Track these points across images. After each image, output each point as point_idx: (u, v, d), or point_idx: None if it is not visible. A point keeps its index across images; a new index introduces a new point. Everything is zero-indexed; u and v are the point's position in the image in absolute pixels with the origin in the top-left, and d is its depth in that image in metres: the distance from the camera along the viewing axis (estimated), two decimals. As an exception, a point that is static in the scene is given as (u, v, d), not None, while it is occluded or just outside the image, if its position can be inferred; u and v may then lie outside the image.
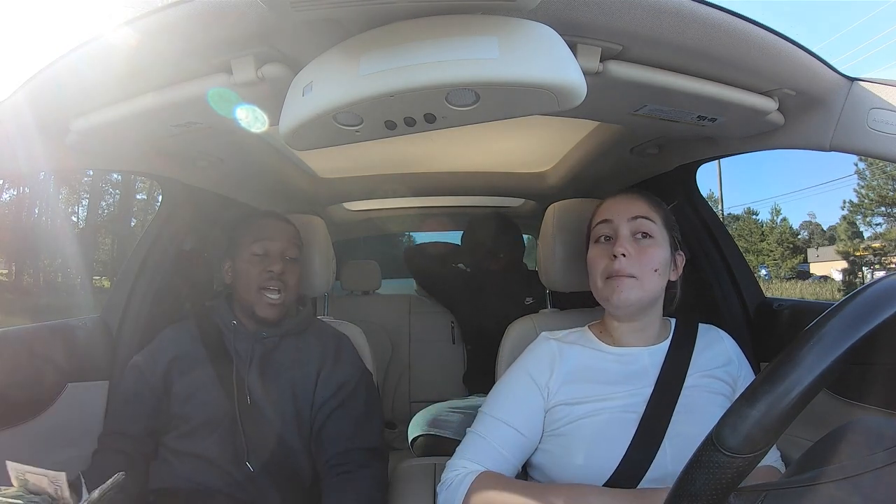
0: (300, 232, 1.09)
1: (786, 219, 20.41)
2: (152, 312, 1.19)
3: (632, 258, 0.78)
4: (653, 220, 0.81)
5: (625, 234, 0.80)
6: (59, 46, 0.67)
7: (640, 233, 0.80)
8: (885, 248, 16.57)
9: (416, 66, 0.54)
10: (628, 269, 0.78)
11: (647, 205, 0.83)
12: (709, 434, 0.40)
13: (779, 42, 0.67)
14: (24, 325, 1.04)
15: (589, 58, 0.65)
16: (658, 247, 0.80)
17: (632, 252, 0.78)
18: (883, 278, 0.41)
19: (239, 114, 0.76)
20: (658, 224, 0.82)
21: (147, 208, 12.92)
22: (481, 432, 0.79)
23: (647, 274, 0.78)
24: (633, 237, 0.80)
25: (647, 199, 0.84)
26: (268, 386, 0.97)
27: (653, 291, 0.80)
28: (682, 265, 0.85)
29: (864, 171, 17.27)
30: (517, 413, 0.79)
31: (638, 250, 0.79)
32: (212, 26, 0.60)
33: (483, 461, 0.77)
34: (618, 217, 0.82)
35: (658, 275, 0.79)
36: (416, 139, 1.31)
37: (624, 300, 0.78)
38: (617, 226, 0.81)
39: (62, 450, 0.97)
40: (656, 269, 0.79)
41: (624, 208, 0.82)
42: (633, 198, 0.84)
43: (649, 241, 0.80)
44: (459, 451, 0.80)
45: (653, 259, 0.79)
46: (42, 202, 11.92)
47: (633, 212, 0.81)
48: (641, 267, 0.78)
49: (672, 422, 0.75)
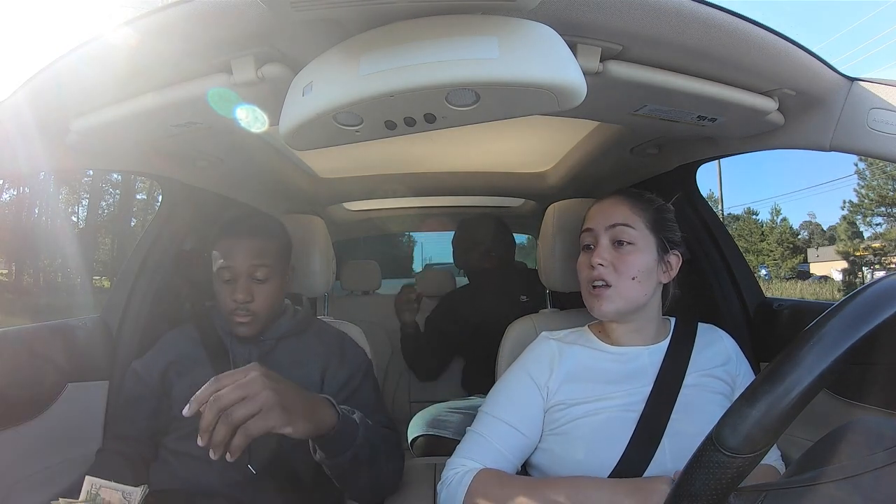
0: (300, 232, 1.09)
1: (786, 219, 20.46)
2: (152, 312, 1.19)
3: (609, 267, 0.79)
4: (632, 225, 0.80)
5: (604, 244, 0.80)
6: (59, 46, 0.67)
7: (618, 240, 0.80)
8: (885, 248, 16.58)
9: (416, 66, 0.54)
10: (605, 278, 0.79)
11: (628, 209, 0.82)
12: (709, 434, 0.40)
13: (779, 42, 0.67)
14: (25, 324, 1.04)
15: (589, 58, 0.65)
16: (638, 253, 0.79)
17: (609, 260, 0.79)
18: (883, 278, 0.41)
19: (239, 114, 0.76)
20: (639, 229, 0.80)
21: (147, 208, 12.93)
22: (481, 431, 0.79)
23: (625, 282, 0.78)
24: (613, 244, 0.80)
25: (629, 203, 0.83)
26: None
27: (633, 299, 0.79)
28: (677, 266, 0.84)
29: (864, 171, 17.30)
30: (517, 412, 0.79)
31: (616, 258, 0.79)
32: (212, 26, 0.60)
33: (483, 459, 0.77)
34: (598, 225, 0.82)
35: (637, 282, 0.79)
36: (416, 139, 1.31)
37: (604, 311, 0.79)
38: (597, 234, 0.82)
39: (62, 450, 0.97)
40: (634, 276, 0.78)
41: (603, 216, 0.82)
42: (613, 203, 0.83)
43: (629, 249, 0.79)
44: (459, 450, 0.80)
45: (630, 267, 0.78)
46: (42, 202, 11.94)
47: (612, 219, 0.81)
48: (618, 276, 0.78)
49: (671, 420, 0.75)
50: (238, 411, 0.62)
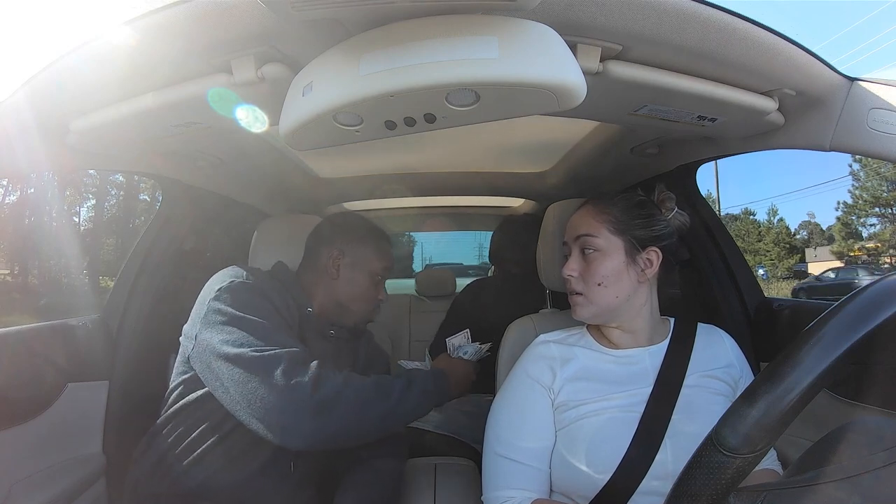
0: (300, 232, 1.09)
1: (782, 219, 20.52)
2: (152, 312, 1.19)
3: (578, 277, 0.82)
4: (595, 234, 0.81)
5: (574, 254, 0.83)
6: (60, 46, 0.67)
7: (585, 248, 0.82)
8: (880, 249, 16.62)
9: (416, 66, 0.54)
10: (575, 287, 0.82)
11: (591, 218, 0.82)
12: (708, 434, 0.40)
13: (779, 42, 0.67)
14: (26, 324, 1.04)
15: (589, 58, 0.65)
16: (604, 259, 0.80)
17: (578, 270, 0.82)
18: (883, 278, 0.41)
19: (239, 114, 0.76)
20: (602, 236, 0.81)
21: (149, 210, 12.94)
22: (510, 455, 0.78)
23: (592, 289, 0.81)
24: (583, 253, 0.82)
25: (594, 212, 0.83)
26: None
27: (604, 304, 0.80)
28: (658, 261, 0.82)
29: (859, 171, 17.33)
30: (534, 423, 0.79)
31: (584, 267, 0.82)
32: (212, 26, 0.60)
33: (527, 485, 0.76)
34: (569, 237, 0.86)
35: (604, 287, 0.80)
36: (416, 139, 1.31)
37: (580, 316, 0.83)
38: (570, 246, 0.85)
39: (62, 450, 0.97)
40: (600, 282, 0.80)
41: (572, 227, 0.85)
42: (581, 214, 0.85)
43: (593, 256, 0.81)
44: (495, 482, 0.78)
45: (595, 274, 0.80)
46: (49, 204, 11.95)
47: (578, 230, 0.83)
48: (586, 284, 0.81)
49: (672, 420, 0.75)
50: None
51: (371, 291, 1.02)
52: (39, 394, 0.96)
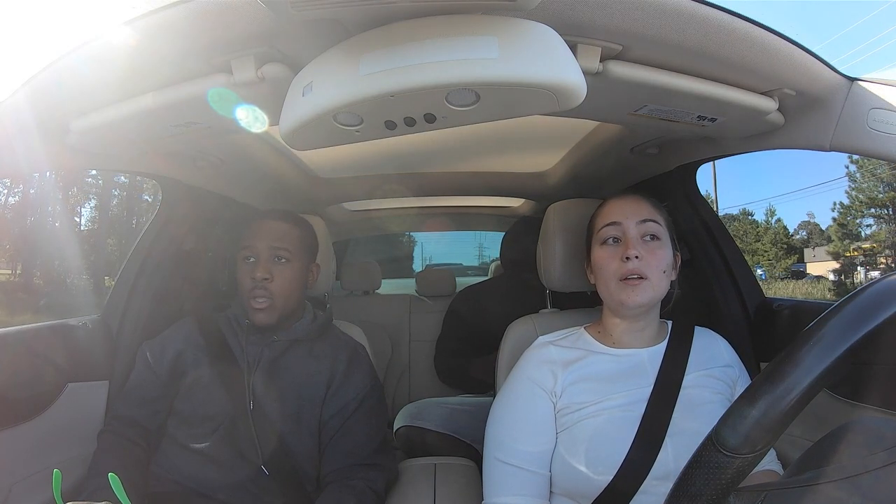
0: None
1: (780, 219, 20.55)
2: (152, 312, 1.19)
3: (644, 260, 0.80)
4: (658, 222, 0.83)
5: (634, 237, 0.81)
6: (60, 46, 0.67)
7: (648, 235, 0.82)
8: (876, 249, 16.64)
9: (416, 66, 0.54)
10: (641, 270, 0.79)
11: (651, 207, 0.85)
12: (708, 434, 0.40)
13: (779, 42, 0.67)
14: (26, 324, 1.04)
15: (589, 58, 0.65)
16: (665, 248, 0.82)
17: (643, 254, 0.80)
18: (882, 278, 0.41)
19: (239, 114, 0.76)
20: (662, 226, 0.84)
21: (150, 210, 12.96)
22: (510, 460, 0.78)
23: (657, 275, 0.80)
24: (642, 239, 0.82)
25: (650, 201, 0.86)
26: (272, 392, 0.95)
27: (662, 291, 0.81)
28: (678, 265, 0.86)
29: (855, 173, 17.36)
30: (535, 427, 0.79)
31: (647, 252, 0.80)
32: (212, 26, 0.60)
33: (530, 491, 0.76)
34: (626, 219, 0.83)
35: (666, 276, 0.81)
36: (416, 139, 1.31)
37: (638, 302, 0.79)
38: (626, 228, 0.82)
39: (62, 450, 0.97)
40: (664, 270, 0.81)
41: (631, 210, 0.84)
42: (638, 199, 0.85)
43: (657, 243, 0.82)
44: (496, 488, 0.78)
45: (662, 261, 0.81)
46: (52, 205, 11.97)
47: (642, 215, 0.83)
48: (652, 269, 0.80)
49: (673, 419, 0.75)
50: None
51: (242, 274, 0.99)
52: (39, 394, 0.96)
